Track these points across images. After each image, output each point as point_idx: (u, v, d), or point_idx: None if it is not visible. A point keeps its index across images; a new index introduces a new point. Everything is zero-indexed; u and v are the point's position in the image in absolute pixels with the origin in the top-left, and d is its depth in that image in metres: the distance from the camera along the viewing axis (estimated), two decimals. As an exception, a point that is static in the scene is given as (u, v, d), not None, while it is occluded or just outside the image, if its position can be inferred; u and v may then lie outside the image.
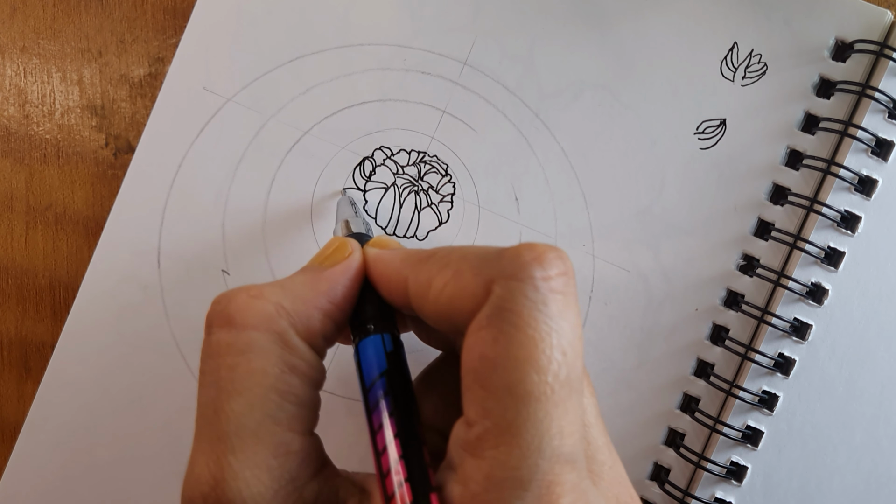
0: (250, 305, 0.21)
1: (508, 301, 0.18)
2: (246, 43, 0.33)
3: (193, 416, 0.33)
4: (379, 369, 0.21)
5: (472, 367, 0.19)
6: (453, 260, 0.20)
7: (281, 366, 0.20)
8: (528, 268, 0.19)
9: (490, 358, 0.18)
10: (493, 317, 0.19)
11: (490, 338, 0.18)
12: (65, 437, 0.33)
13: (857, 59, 0.32)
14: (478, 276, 0.19)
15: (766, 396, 0.33)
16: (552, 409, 0.18)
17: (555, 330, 0.18)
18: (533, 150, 0.33)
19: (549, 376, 0.18)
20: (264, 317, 0.21)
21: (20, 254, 0.35)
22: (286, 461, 0.20)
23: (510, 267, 0.19)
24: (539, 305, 0.18)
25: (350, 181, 0.34)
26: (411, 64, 0.33)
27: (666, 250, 0.33)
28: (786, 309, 0.32)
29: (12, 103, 0.34)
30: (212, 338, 0.21)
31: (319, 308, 0.22)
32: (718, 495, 0.33)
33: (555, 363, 0.18)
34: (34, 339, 0.35)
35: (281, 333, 0.21)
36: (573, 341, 0.19)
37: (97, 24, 0.34)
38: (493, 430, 0.18)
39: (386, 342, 0.22)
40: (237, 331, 0.20)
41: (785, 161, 0.33)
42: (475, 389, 0.19)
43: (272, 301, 0.21)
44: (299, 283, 0.22)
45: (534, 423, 0.18)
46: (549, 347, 0.18)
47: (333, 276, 0.22)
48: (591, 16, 0.33)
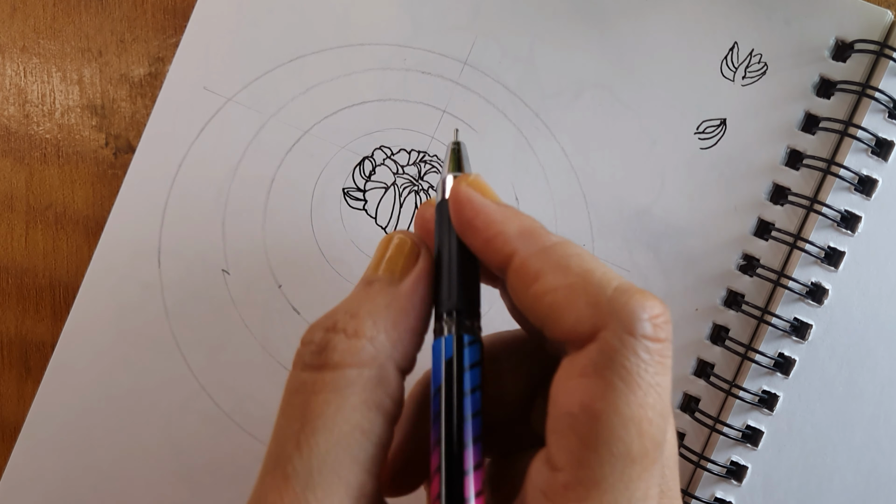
0: (350, 347, 0.20)
1: (620, 355, 0.18)
2: (246, 42, 0.33)
3: (193, 416, 0.33)
4: (447, 379, 0.20)
5: (568, 412, 0.18)
6: (571, 268, 0.20)
7: (370, 403, 0.20)
8: (644, 326, 0.18)
9: (594, 410, 0.18)
10: (601, 366, 0.18)
11: (597, 389, 0.18)
12: (65, 437, 0.33)
13: (857, 58, 0.32)
14: (592, 307, 0.19)
15: (766, 396, 0.33)
16: (643, 472, 0.18)
17: (658, 393, 0.18)
18: (533, 150, 0.33)
19: (647, 440, 0.18)
20: (364, 357, 0.20)
21: (20, 253, 0.35)
22: (359, 503, 0.19)
23: (626, 318, 0.18)
24: (647, 366, 0.18)
25: (350, 181, 0.34)
26: (411, 64, 0.33)
27: (666, 250, 0.33)
28: (786, 309, 0.32)
29: (12, 103, 0.34)
30: (304, 375, 0.20)
31: (409, 329, 0.21)
32: (718, 495, 0.33)
33: (654, 426, 0.18)
34: (34, 338, 0.35)
35: (380, 369, 0.20)
36: (667, 404, 0.19)
37: (97, 24, 0.34)
38: (583, 482, 0.18)
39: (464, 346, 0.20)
40: (334, 370, 0.20)
41: (785, 161, 0.33)
42: (569, 437, 0.18)
43: (369, 337, 0.20)
44: (383, 307, 0.21)
45: (626, 483, 0.18)
46: (652, 410, 0.18)
47: (413, 289, 0.22)
48: (592, 15, 0.33)
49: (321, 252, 0.34)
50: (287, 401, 0.20)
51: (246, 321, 0.34)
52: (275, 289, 0.34)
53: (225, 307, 0.34)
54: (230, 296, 0.34)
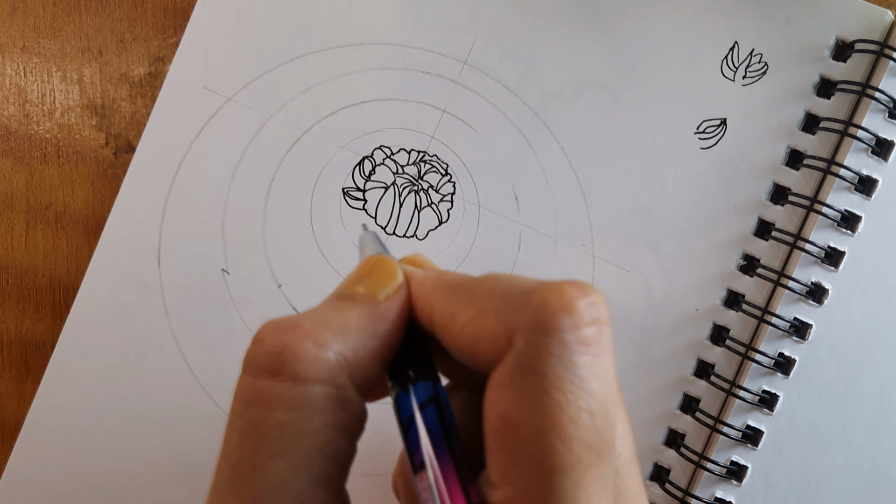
0: (315, 356, 0.18)
1: (532, 359, 0.17)
2: (246, 42, 0.33)
3: (193, 416, 0.33)
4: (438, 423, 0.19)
5: (493, 426, 0.17)
6: (479, 297, 0.18)
7: (334, 425, 0.18)
8: (556, 318, 0.17)
9: (513, 421, 0.17)
10: (515, 374, 0.17)
11: (512, 399, 0.17)
12: (64, 437, 0.33)
13: (857, 58, 0.32)
14: (500, 320, 0.17)
15: (766, 396, 0.33)
16: (578, 480, 0.16)
17: (583, 390, 0.16)
18: (533, 150, 0.33)
19: (576, 445, 0.16)
20: (327, 370, 0.18)
21: (20, 253, 0.35)
22: None
23: (535, 316, 0.17)
24: (566, 364, 0.17)
25: (350, 180, 0.34)
26: (411, 63, 0.33)
27: (666, 250, 0.33)
28: (786, 309, 0.32)
29: (12, 102, 0.34)
30: (259, 383, 0.18)
31: (376, 354, 0.19)
32: (719, 495, 0.33)
33: (582, 429, 0.16)
34: (34, 338, 0.35)
35: (341, 388, 0.18)
36: (604, 399, 0.17)
37: (97, 24, 0.34)
38: (518, 498, 0.17)
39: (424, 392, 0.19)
40: (295, 384, 0.18)
41: (785, 161, 0.33)
42: (496, 452, 0.17)
43: (334, 350, 0.18)
44: (356, 325, 0.19)
45: (559, 495, 0.16)
46: (576, 411, 0.16)
47: (390, 313, 0.20)
48: (592, 15, 0.33)
49: (321, 252, 0.34)
50: (239, 413, 0.18)
51: (246, 321, 0.34)
52: (274, 288, 0.34)
53: (225, 307, 0.34)
54: (230, 295, 0.34)
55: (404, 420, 0.19)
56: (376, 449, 0.34)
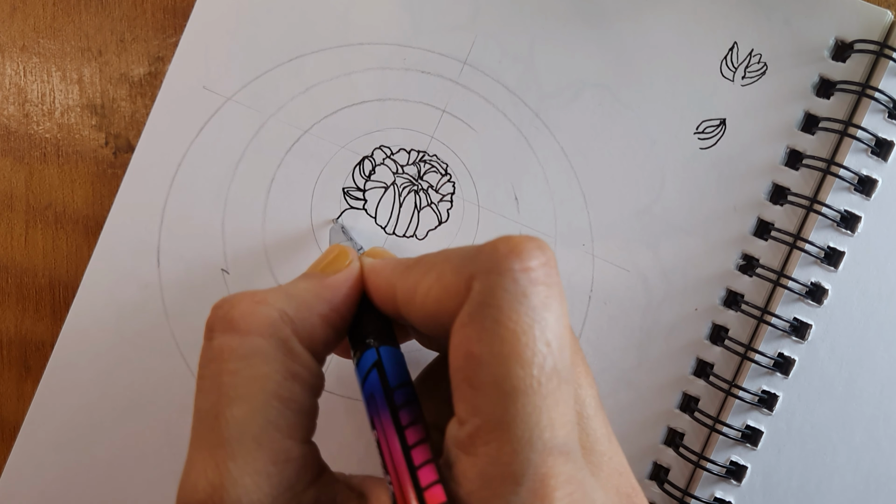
0: (254, 311, 0.20)
1: (488, 296, 0.18)
2: (246, 42, 0.33)
3: (192, 416, 0.33)
4: (379, 383, 0.21)
5: (458, 366, 0.19)
6: (436, 263, 0.20)
7: (283, 373, 0.20)
8: (506, 260, 0.19)
9: (474, 355, 0.18)
10: (474, 313, 0.18)
11: (473, 334, 0.18)
12: (64, 437, 0.33)
13: (857, 58, 0.32)
14: (459, 274, 0.19)
15: (765, 396, 0.33)
16: (540, 402, 0.18)
17: (537, 321, 0.18)
18: (533, 150, 0.33)
19: (535, 369, 0.18)
20: (268, 323, 0.20)
21: (20, 253, 0.35)
22: (285, 468, 0.19)
23: (488, 261, 0.19)
24: (519, 297, 0.18)
25: (350, 180, 0.34)
26: (411, 63, 0.33)
27: (666, 250, 0.33)
28: (785, 309, 0.32)
29: (12, 102, 0.34)
30: (213, 342, 0.21)
31: (322, 315, 0.22)
32: (718, 495, 0.33)
33: (539, 355, 0.18)
34: (34, 338, 0.35)
35: (284, 340, 0.20)
36: (558, 331, 0.19)
37: (97, 23, 0.34)
38: (484, 427, 0.18)
39: (384, 355, 0.21)
40: (240, 336, 0.20)
41: (785, 161, 0.33)
42: (463, 388, 0.19)
43: (276, 307, 0.21)
44: (302, 289, 0.22)
45: (523, 417, 0.18)
46: (532, 340, 0.18)
47: (335, 283, 0.22)
48: (591, 15, 0.33)
49: (321, 251, 0.34)
50: (201, 374, 0.21)
51: (245, 321, 0.34)
52: (274, 288, 0.34)
53: (224, 307, 0.34)
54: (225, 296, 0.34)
55: (360, 383, 0.21)
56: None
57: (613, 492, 0.21)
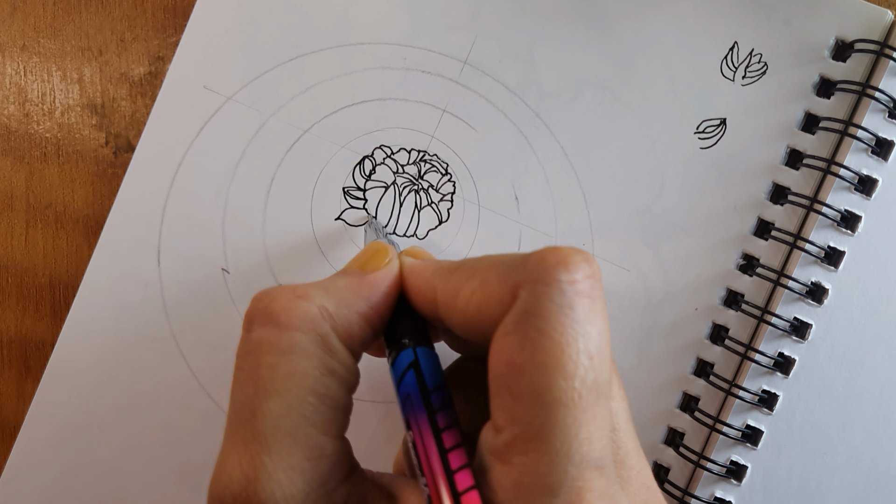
0: (295, 305, 0.20)
1: (534, 306, 0.18)
2: (246, 41, 0.33)
3: (193, 415, 0.33)
4: (416, 384, 0.21)
5: (499, 373, 0.19)
6: (480, 269, 0.20)
7: (321, 368, 0.20)
8: (554, 271, 0.19)
9: (517, 364, 0.18)
10: (519, 322, 0.18)
11: (516, 343, 0.18)
12: (64, 436, 0.33)
13: (857, 58, 0.32)
14: (503, 282, 0.19)
15: (765, 396, 0.33)
16: (580, 415, 0.18)
17: (581, 334, 0.18)
18: (533, 150, 0.33)
19: (577, 381, 0.18)
20: (308, 318, 0.20)
21: (20, 252, 0.35)
22: (319, 464, 0.19)
23: (535, 271, 0.19)
24: (565, 310, 0.18)
25: (350, 180, 0.34)
26: (411, 63, 0.33)
27: (666, 250, 0.33)
28: (786, 308, 0.32)
29: (12, 102, 0.34)
30: (252, 335, 0.20)
31: (360, 313, 0.22)
32: (718, 494, 0.33)
33: (582, 368, 0.18)
34: (34, 337, 0.35)
35: (323, 336, 0.21)
36: (600, 345, 0.19)
37: (97, 23, 0.34)
38: (522, 436, 0.18)
39: (421, 356, 0.21)
40: (280, 330, 0.20)
41: (785, 160, 0.33)
42: (503, 396, 0.18)
43: (316, 303, 0.21)
44: (342, 286, 0.22)
45: (562, 429, 0.18)
46: (575, 352, 0.18)
47: (375, 281, 0.22)
48: (592, 15, 0.33)
49: (321, 251, 0.34)
50: (238, 365, 0.21)
51: (246, 320, 0.34)
52: (274, 288, 0.34)
53: (225, 306, 0.34)
54: (230, 295, 0.34)
55: (395, 383, 0.21)
56: (376, 448, 0.34)
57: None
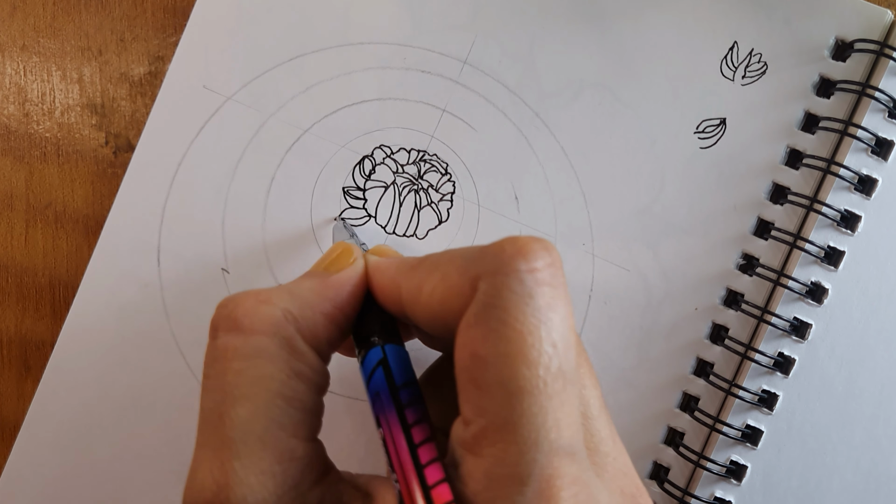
0: (258, 310, 0.20)
1: (494, 297, 0.18)
2: (246, 41, 0.33)
3: (193, 415, 0.33)
4: (384, 381, 0.21)
5: (464, 366, 0.19)
6: (441, 263, 0.20)
7: (287, 371, 0.20)
8: (512, 261, 0.19)
9: (480, 355, 0.18)
10: (479, 314, 0.18)
11: (479, 335, 0.18)
12: (64, 436, 0.33)
13: (857, 58, 0.32)
14: (463, 274, 0.19)
15: (765, 395, 0.33)
16: (546, 403, 0.18)
17: (543, 322, 0.18)
18: (533, 149, 0.33)
19: (541, 369, 0.18)
20: (272, 322, 0.20)
21: (20, 252, 0.35)
22: (290, 467, 0.19)
23: (494, 262, 0.19)
24: (525, 298, 0.18)
25: (350, 180, 0.34)
26: (411, 63, 0.33)
27: (665, 249, 0.33)
28: (785, 308, 0.32)
29: (12, 101, 0.34)
30: (217, 342, 0.21)
31: (325, 314, 0.22)
32: (718, 494, 0.33)
33: (545, 356, 0.18)
34: (34, 337, 0.35)
35: (288, 339, 0.21)
36: (564, 332, 0.19)
37: (97, 23, 0.34)
38: (490, 427, 0.18)
39: (390, 353, 0.21)
40: (245, 335, 0.20)
41: (785, 160, 0.33)
42: (469, 388, 0.19)
43: (280, 306, 0.21)
44: (306, 288, 0.22)
45: (528, 417, 0.18)
46: (538, 340, 0.18)
47: (339, 281, 0.22)
48: (592, 15, 0.33)
49: (321, 251, 0.34)
50: (206, 372, 0.21)
51: (245, 320, 0.33)
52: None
53: (224, 306, 0.34)
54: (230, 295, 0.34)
55: (365, 381, 0.21)
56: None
57: (618, 492, 0.21)
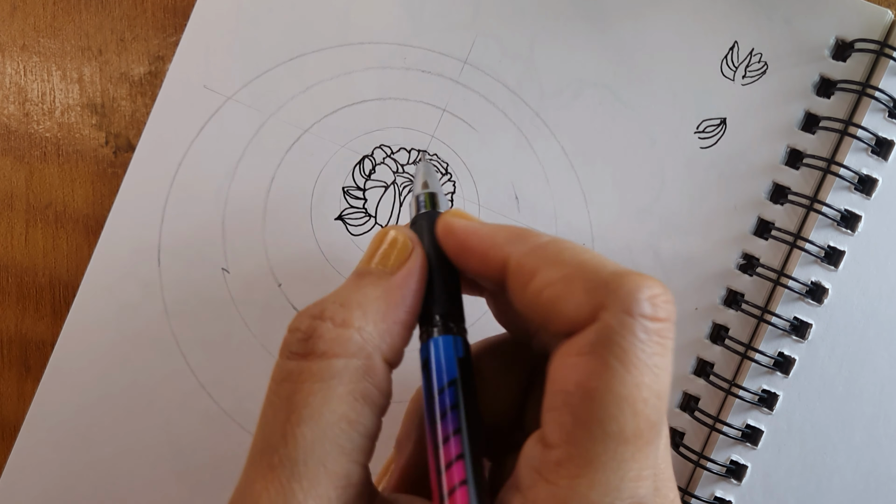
0: (338, 336, 0.20)
1: (618, 335, 0.18)
2: (246, 41, 0.33)
3: (193, 415, 0.33)
4: (449, 376, 0.20)
5: (564, 390, 0.18)
6: (566, 260, 0.20)
7: (356, 394, 0.20)
8: (643, 306, 0.18)
9: (589, 388, 0.18)
10: (598, 346, 0.18)
11: (592, 367, 0.18)
12: (64, 436, 0.33)
13: (857, 58, 0.32)
14: (589, 293, 0.19)
15: (765, 395, 0.33)
16: (637, 452, 0.18)
17: (655, 374, 0.18)
18: (533, 149, 0.33)
19: (642, 420, 0.18)
20: (352, 347, 0.20)
21: (20, 252, 0.35)
22: (345, 493, 0.19)
23: (626, 299, 0.18)
24: (647, 346, 0.18)
25: (350, 179, 0.34)
26: (411, 62, 0.33)
27: (666, 249, 0.33)
28: (786, 308, 0.32)
29: (12, 101, 0.34)
30: (291, 364, 0.20)
31: (399, 322, 0.21)
32: (718, 494, 0.33)
33: (650, 407, 0.18)
34: (34, 337, 0.35)
35: (366, 360, 0.20)
36: (667, 386, 0.19)
37: (97, 23, 0.34)
38: (576, 459, 0.18)
39: (457, 346, 0.21)
40: (320, 360, 0.20)
41: (785, 160, 0.33)
42: (564, 414, 0.18)
43: (357, 327, 0.20)
44: (373, 298, 0.21)
45: (619, 462, 0.18)
46: (647, 390, 0.18)
47: (405, 281, 0.22)
48: (592, 14, 0.33)
49: (321, 251, 0.34)
50: (273, 390, 0.20)
51: (246, 320, 0.34)
52: (274, 287, 0.34)
53: (225, 306, 0.34)
54: (230, 294, 0.34)
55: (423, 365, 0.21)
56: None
57: None
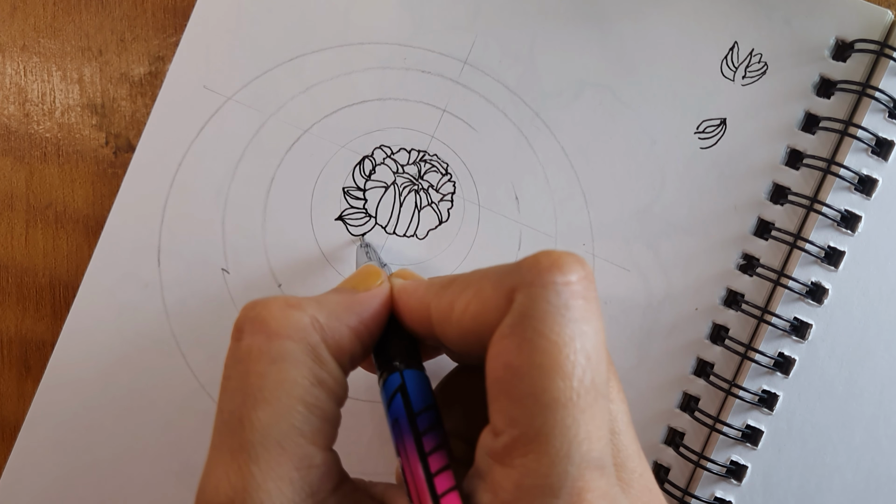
0: (286, 314, 0.20)
1: (530, 308, 0.18)
2: (246, 41, 0.33)
3: (193, 415, 0.33)
4: (403, 408, 0.21)
5: (497, 377, 0.19)
6: (473, 280, 0.21)
7: (311, 378, 0.20)
8: (548, 273, 0.19)
9: (514, 366, 0.18)
10: (515, 325, 0.19)
11: (513, 346, 0.18)
12: (64, 436, 0.33)
13: (857, 58, 0.32)
14: (498, 288, 0.19)
15: (765, 396, 0.33)
16: (579, 415, 0.18)
17: (578, 334, 0.18)
18: (533, 150, 0.33)
19: (575, 381, 0.18)
20: (299, 327, 0.20)
21: (20, 252, 0.35)
22: (308, 474, 0.19)
23: (530, 274, 0.19)
24: (561, 310, 0.18)
25: (350, 180, 0.34)
26: (411, 63, 0.33)
27: (666, 249, 0.33)
28: (786, 308, 0.32)
29: (12, 102, 0.34)
30: (242, 343, 0.20)
31: (351, 327, 0.22)
32: (718, 494, 0.33)
33: (579, 368, 0.18)
34: (34, 337, 0.35)
35: (314, 346, 0.21)
36: (597, 345, 0.19)
37: (97, 23, 0.34)
38: (521, 438, 0.18)
39: (409, 379, 0.21)
40: (271, 338, 0.20)
41: (785, 160, 0.33)
42: (501, 399, 0.19)
43: (308, 313, 0.21)
44: (333, 300, 0.22)
45: (561, 429, 0.18)
46: (573, 352, 0.18)
47: (366, 299, 0.23)
48: (592, 15, 0.33)
49: (321, 251, 0.34)
50: (227, 373, 0.20)
51: (246, 320, 0.34)
52: (275, 288, 0.34)
53: (225, 306, 0.34)
54: (230, 295, 0.34)
55: (385, 406, 0.22)
56: (375, 449, 0.34)
57: None
